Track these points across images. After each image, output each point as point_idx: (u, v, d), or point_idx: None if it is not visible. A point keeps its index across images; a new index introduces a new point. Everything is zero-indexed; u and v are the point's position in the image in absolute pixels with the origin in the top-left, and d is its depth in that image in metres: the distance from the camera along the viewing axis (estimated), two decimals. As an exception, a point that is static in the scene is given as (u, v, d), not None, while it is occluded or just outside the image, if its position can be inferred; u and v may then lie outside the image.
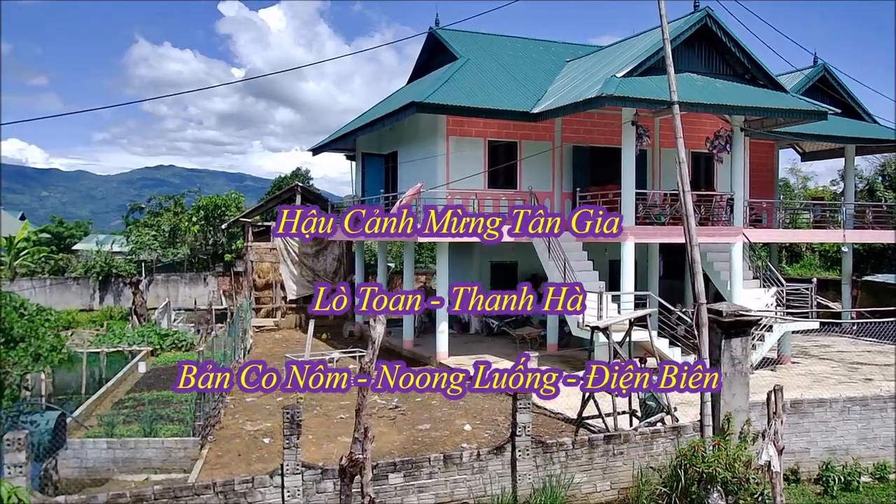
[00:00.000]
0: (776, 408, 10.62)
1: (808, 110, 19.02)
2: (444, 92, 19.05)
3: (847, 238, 23.73)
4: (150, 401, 16.58)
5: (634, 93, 17.12)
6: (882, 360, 20.27)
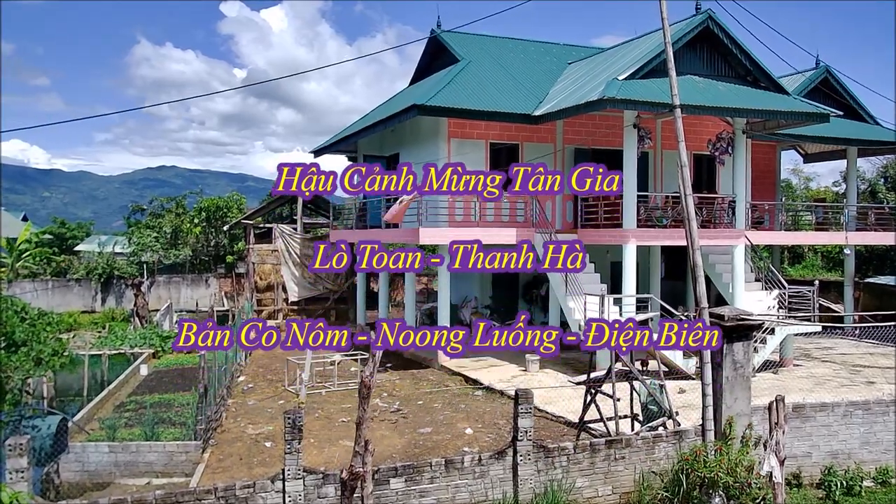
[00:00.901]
0: (778, 418, 10.61)
1: (810, 112, 19.00)
2: (445, 94, 19.04)
3: (849, 240, 23.72)
4: (152, 404, 16.58)
5: (636, 96, 17.10)
6: (884, 362, 20.24)
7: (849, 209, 24.04)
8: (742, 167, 19.90)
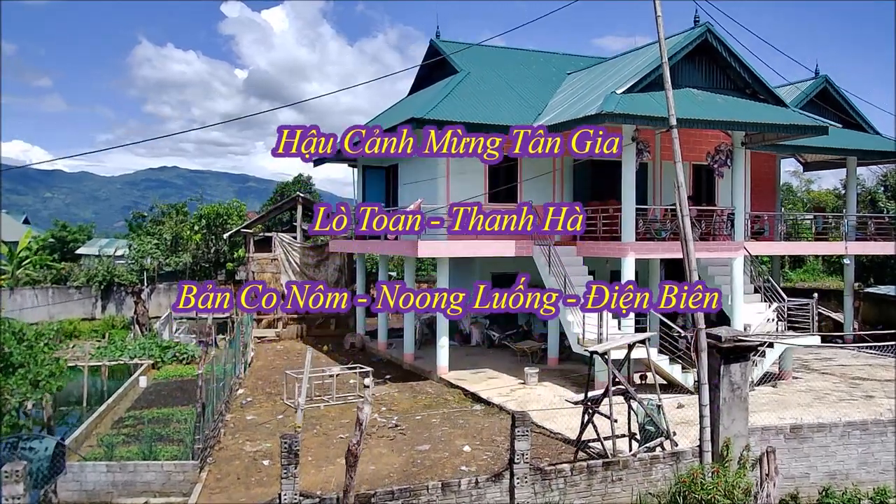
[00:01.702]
0: (769, 469, 10.67)
1: (808, 126, 18.98)
2: (443, 107, 19.03)
3: (849, 250, 23.69)
4: (150, 419, 16.62)
5: (635, 110, 17.10)
6: (883, 374, 20.23)
7: (848, 219, 24.02)
8: (741, 180, 19.89)
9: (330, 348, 26.22)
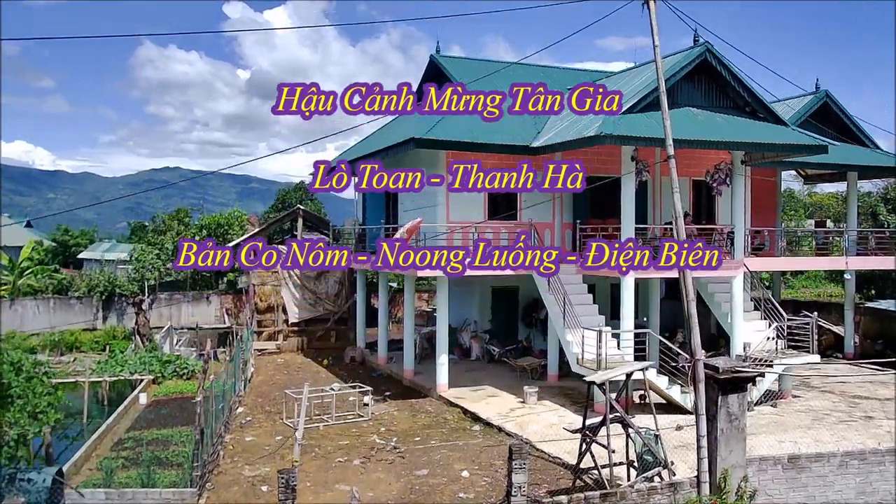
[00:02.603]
0: None
1: (807, 145, 18.96)
2: (443, 126, 19.03)
3: (849, 265, 23.67)
4: (150, 441, 16.64)
5: (634, 131, 17.11)
6: (883, 392, 20.19)
7: (849, 234, 23.99)
8: (741, 198, 19.88)
9: (330, 362, 26.25)
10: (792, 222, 50.41)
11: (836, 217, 53.72)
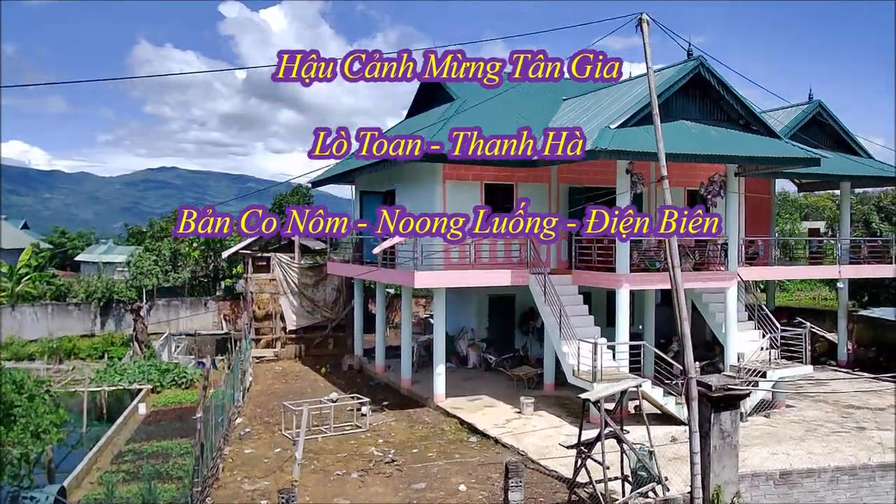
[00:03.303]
0: None
1: (800, 158, 19.16)
2: (439, 139, 19.17)
3: (842, 273, 23.92)
4: (150, 453, 16.81)
5: (628, 146, 17.29)
6: (876, 401, 20.39)
7: (842, 242, 24.22)
8: (734, 210, 20.08)
9: (328, 370, 26.41)
10: (787, 225, 50.69)
11: (832, 219, 54.03)
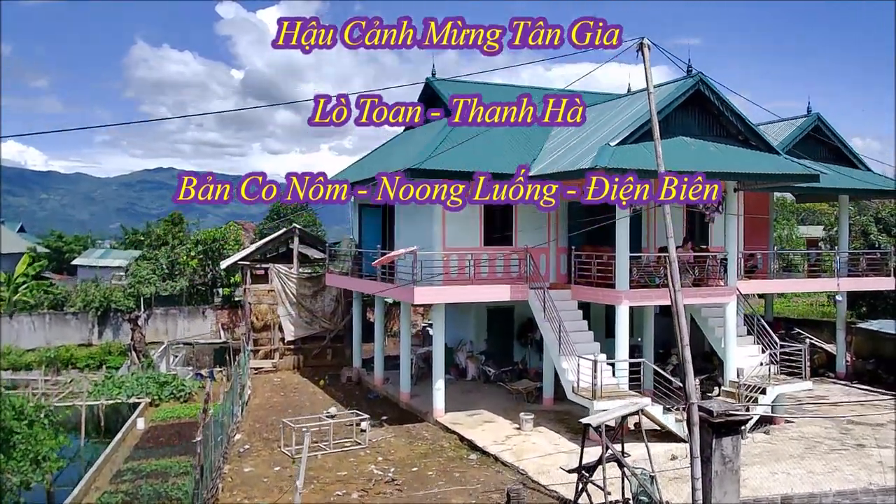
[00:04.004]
0: None
1: (799, 174, 19.19)
2: (437, 157, 19.15)
3: (841, 286, 23.93)
4: (149, 472, 16.75)
5: (628, 164, 17.30)
6: (876, 416, 20.39)
7: (840, 255, 24.26)
8: (734, 226, 20.09)
9: (326, 382, 26.36)
10: (784, 231, 50.73)
11: (830, 224, 54.10)
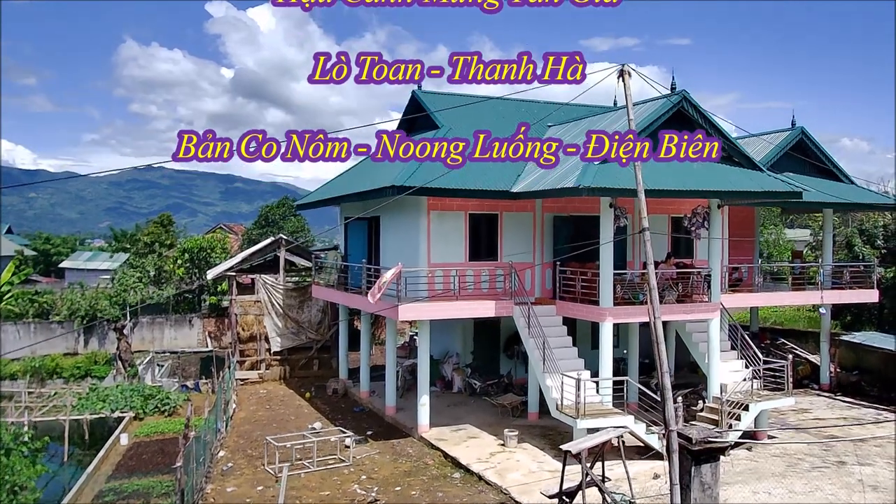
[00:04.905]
0: None
1: (782, 192, 19.28)
2: (423, 172, 19.13)
3: (825, 299, 24.11)
4: (131, 493, 16.68)
5: (611, 183, 17.33)
6: (858, 431, 20.54)
7: (824, 268, 24.40)
8: (718, 240, 20.16)
9: (312, 394, 26.31)
10: (772, 235, 50.93)
11: (817, 229, 54.33)
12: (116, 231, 65.72)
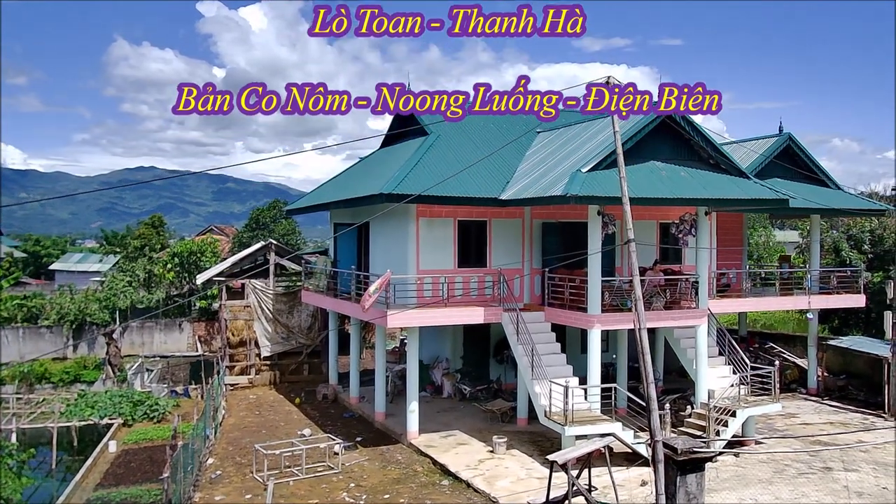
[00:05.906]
0: None
1: (769, 199, 19.39)
2: (411, 180, 19.17)
3: (812, 304, 24.24)
4: (119, 502, 16.66)
5: (599, 191, 17.41)
6: (845, 436, 20.64)
7: (811, 273, 24.56)
8: (706, 249, 20.25)
9: (302, 400, 26.28)
10: (762, 238, 51.17)
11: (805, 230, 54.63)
12: (108, 232, 65.54)
